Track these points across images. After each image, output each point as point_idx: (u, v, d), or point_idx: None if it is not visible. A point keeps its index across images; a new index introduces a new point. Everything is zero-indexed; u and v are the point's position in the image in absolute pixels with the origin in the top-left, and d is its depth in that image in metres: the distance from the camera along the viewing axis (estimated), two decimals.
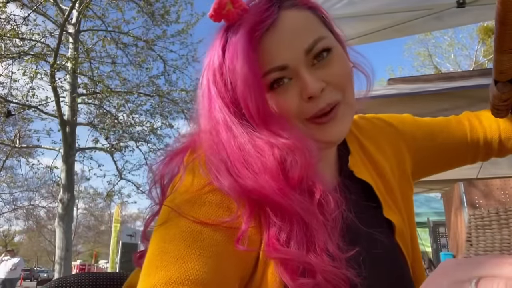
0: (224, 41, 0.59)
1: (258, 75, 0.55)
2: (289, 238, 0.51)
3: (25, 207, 22.65)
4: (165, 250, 0.49)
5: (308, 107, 0.58)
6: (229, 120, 0.58)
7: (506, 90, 0.71)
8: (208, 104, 0.61)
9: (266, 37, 0.57)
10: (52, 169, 10.67)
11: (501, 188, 2.40)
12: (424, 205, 8.88)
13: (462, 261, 0.31)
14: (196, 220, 0.50)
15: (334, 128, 0.59)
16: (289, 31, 0.57)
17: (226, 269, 0.49)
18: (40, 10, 9.78)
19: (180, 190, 0.55)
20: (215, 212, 0.52)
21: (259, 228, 0.53)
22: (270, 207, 0.52)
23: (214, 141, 0.58)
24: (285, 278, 0.50)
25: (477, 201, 2.43)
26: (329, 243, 0.51)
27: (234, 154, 0.55)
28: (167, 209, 0.53)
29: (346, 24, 2.50)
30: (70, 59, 9.40)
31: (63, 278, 0.85)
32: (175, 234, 0.50)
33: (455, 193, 2.72)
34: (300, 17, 0.59)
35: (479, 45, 17.77)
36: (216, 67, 0.59)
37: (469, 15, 2.32)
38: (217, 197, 0.53)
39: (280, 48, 0.57)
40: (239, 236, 0.50)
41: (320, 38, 0.58)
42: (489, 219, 1.45)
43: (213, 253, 0.49)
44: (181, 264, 0.47)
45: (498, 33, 0.59)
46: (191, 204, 0.52)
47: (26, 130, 12.18)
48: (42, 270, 33.90)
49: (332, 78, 0.58)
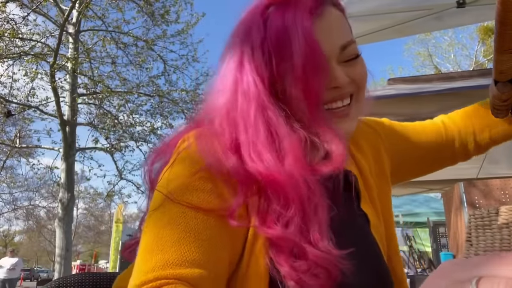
0: (265, 18, 0.60)
1: (324, 56, 0.57)
2: (287, 223, 0.52)
3: (25, 207, 22.64)
4: (160, 235, 0.49)
5: (329, 94, 0.60)
6: (263, 96, 0.58)
7: (506, 90, 0.71)
8: (237, 78, 0.60)
9: (315, 24, 0.59)
10: (52, 169, 10.67)
11: (501, 188, 2.40)
12: (424, 205, 8.87)
13: (461, 261, 0.31)
14: (189, 205, 0.51)
15: (346, 124, 0.63)
16: (333, 25, 0.61)
17: (220, 252, 0.51)
18: (40, 10, 9.77)
19: (172, 177, 0.55)
20: (207, 198, 0.52)
21: (249, 211, 0.54)
22: (275, 194, 0.53)
23: (236, 118, 0.58)
24: (279, 259, 0.51)
25: (477, 201, 2.43)
26: (324, 234, 0.52)
27: (260, 134, 0.55)
28: (160, 195, 0.53)
29: None
30: (70, 59, 9.40)
31: (63, 278, 0.85)
32: (169, 219, 0.50)
33: (455, 193, 2.72)
34: (339, 16, 0.64)
35: (479, 45, 17.78)
36: (256, 42, 0.59)
37: (469, 15, 2.32)
38: (209, 184, 0.53)
39: (322, 38, 0.59)
40: (231, 213, 0.51)
41: (353, 40, 0.63)
42: (489, 219, 1.45)
43: (207, 236, 0.50)
44: (177, 247, 0.47)
45: (498, 33, 0.59)
46: (183, 190, 0.53)
47: (26, 130, 12.19)
48: (42, 270, 33.90)
49: (355, 76, 0.63)
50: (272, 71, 0.58)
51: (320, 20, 0.59)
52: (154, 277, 0.45)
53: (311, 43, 0.56)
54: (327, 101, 0.61)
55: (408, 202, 8.94)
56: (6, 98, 9.92)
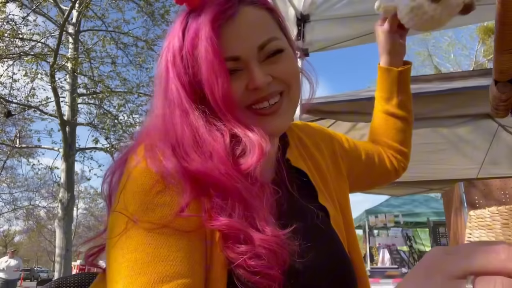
0: (185, 25, 0.62)
1: (223, 61, 0.58)
2: (230, 214, 0.54)
3: (25, 207, 22.63)
4: (134, 259, 0.49)
5: (249, 95, 0.62)
6: (185, 102, 0.60)
7: (506, 90, 0.72)
8: (165, 85, 0.63)
9: (225, 28, 0.60)
10: (52, 169, 10.67)
11: (501, 188, 2.40)
12: (424, 205, 8.87)
13: (452, 250, 0.31)
14: (153, 225, 0.51)
15: (274, 122, 0.63)
16: (247, 26, 0.61)
17: (195, 258, 0.52)
18: (40, 10, 9.77)
19: (129, 197, 0.54)
20: (169, 211, 0.53)
21: (199, 208, 0.55)
22: (214, 188, 0.55)
23: (166, 125, 0.60)
24: (227, 249, 0.53)
25: (477, 201, 2.43)
26: (269, 220, 0.54)
27: (185, 137, 0.58)
28: (121, 219, 0.53)
29: (346, 24, 2.50)
30: (70, 59, 9.40)
31: (63, 278, 0.85)
32: (138, 242, 0.50)
33: (455, 193, 2.72)
34: (257, 15, 0.63)
35: (479, 45, 17.77)
36: (176, 50, 0.62)
37: (469, 15, 2.31)
38: (167, 198, 0.54)
39: (236, 40, 0.60)
40: (182, 208, 0.52)
41: (274, 38, 0.63)
42: (489, 219, 1.45)
43: (179, 246, 0.51)
44: (154, 265, 0.48)
45: (498, 33, 0.59)
46: (144, 210, 0.52)
47: (26, 130, 12.19)
48: (42, 270, 33.88)
49: (279, 74, 0.63)
50: (190, 76, 0.60)
51: (232, 22, 0.60)
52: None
53: (210, 49, 0.57)
54: (252, 102, 0.62)
55: (408, 202, 8.94)
56: (6, 98, 9.92)
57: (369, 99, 3.07)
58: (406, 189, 5.84)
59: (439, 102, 2.79)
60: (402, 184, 5.21)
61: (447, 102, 2.78)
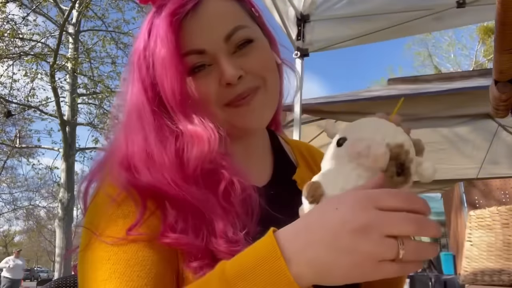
0: (150, 25, 0.60)
1: (175, 56, 0.55)
2: (186, 227, 0.52)
3: (25, 207, 22.64)
4: (94, 275, 0.50)
5: (226, 93, 0.58)
6: (142, 106, 0.58)
7: (506, 90, 0.72)
8: (127, 89, 0.61)
9: (187, 21, 0.57)
10: (52, 169, 10.68)
11: (501, 188, 2.40)
12: None
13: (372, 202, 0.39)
14: (114, 239, 0.51)
15: (252, 114, 0.60)
16: (210, 17, 0.58)
17: (158, 270, 0.51)
18: (40, 10, 9.77)
19: (94, 211, 0.56)
20: (130, 224, 0.52)
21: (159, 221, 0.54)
22: (167, 199, 0.53)
23: (123, 135, 0.59)
24: (182, 264, 0.51)
25: (477, 201, 2.43)
26: (229, 227, 0.52)
27: (136, 148, 0.56)
28: (87, 233, 0.53)
29: (346, 24, 2.50)
30: (70, 59, 9.40)
31: (63, 278, 0.85)
32: (98, 256, 0.51)
33: (455, 193, 2.72)
34: (223, 5, 0.60)
35: (479, 45, 17.78)
36: (141, 50, 0.60)
37: (469, 15, 2.31)
38: (128, 209, 0.53)
39: (199, 32, 0.57)
40: (132, 226, 0.51)
41: (240, 26, 0.59)
42: (489, 219, 1.45)
43: (138, 260, 0.50)
44: (110, 282, 0.48)
45: (498, 33, 0.59)
46: (106, 222, 0.53)
47: (26, 130, 12.20)
48: (42, 270, 33.88)
49: (251, 67, 0.59)
50: (151, 77, 0.58)
51: (194, 14, 0.57)
52: None
53: (162, 45, 0.55)
54: (230, 101, 0.59)
55: None
56: (6, 98, 9.92)
57: (369, 99, 3.08)
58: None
59: (439, 102, 2.80)
60: None
61: (447, 102, 2.78)
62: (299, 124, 2.44)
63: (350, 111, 2.98)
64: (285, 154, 0.73)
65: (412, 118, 3.76)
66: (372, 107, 2.96)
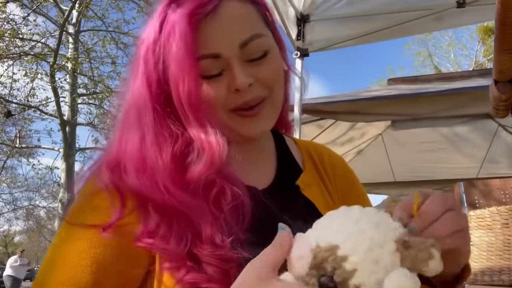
0: (163, 18, 0.57)
1: (194, 59, 0.54)
2: (169, 233, 0.51)
3: (25, 207, 22.63)
4: (50, 256, 0.53)
5: (233, 98, 0.57)
6: (143, 103, 0.57)
7: (506, 90, 0.72)
8: (131, 82, 0.60)
9: (205, 23, 0.55)
10: (52, 169, 10.68)
11: (501, 188, 2.40)
12: None
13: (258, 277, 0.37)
14: (78, 225, 0.53)
15: (256, 124, 0.59)
16: (228, 21, 0.56)
17: (106, 268, 0.52)
18: (40, 10, 9.78)
19: (75, 202, 0.58)
20: (101, 215, 0.53)
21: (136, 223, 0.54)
22: (151, 204, 0.53)
23: (119, 132, 0.59)
24: (164, 270, 0.51)
25: (477, 201, 2.43)
26: (217, 233, 0.51)
27: (130, 147, 0.56)
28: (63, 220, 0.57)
29: (346, 24, 2.50)
30: (70, 59, 9.40)
31: None
32: (59, 241, 0.54)
33: (455, 193, 2.72)
34: (241, 10, 0.58)
35: (479, 45, 17.77)
36: (150, 43, 0.58)
37: (469, 15, 2.31)
38: (101, 203, 0.54)
39: (217, 36, 0.55)
40: (107, 226, 0.51)
41: (257, 35, 0.58)
42: (489, 219, 1.45)
43: (89, 255, 0.51)
44: (57, 267, 0.52)
45: (498, 33, 0.59)
46: (80, 212, 0.56)
47: (26, 130, 12.20)
48: None
49: (261, 76, 0.58)
50: (160, 73, 0.57)
51: (213, 17, 0.55)
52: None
53: (182, 45, 0.53)
54: (236, 107, 0.58)
55: None
56: (6, 98, 9.92)
57: (369, 99, 3.08)
58: (406, 189, 5.84)
59: (439, 102, 2.80)
60: (402, 184, 5.21)
61: (447, 102, 2.78)
62: (299, 124, 2.44)
63: (350, 111, 2.98)
64: (290, 156, 0.72)
65: (412, 118, 3.76)
66: (372, 107, 2.96)
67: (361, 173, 4.21)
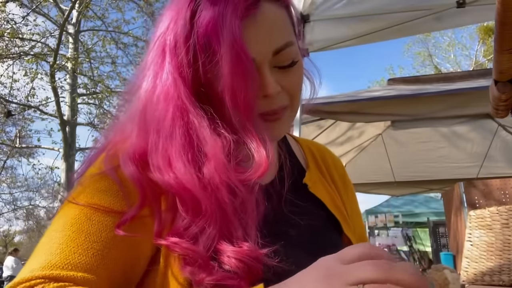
0: (193, 10, 0.53)
1: (253, 65, 0.52)
2: (200, 234, 0.50)
3: (25, 207, 22.64)
4: (52, 237, 0.48)
5: (261, 104, 0.56)
6: (184, 98, 0.54)
7: (506, 90, 0.72)
8: (154, 75, 0.56)
9: (245, 24, 0.53)
10: (52, 169, 10.67)
11: (501, 188, 2.40)
12: (424, 205, 8.86)
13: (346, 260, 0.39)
14: (86, 205, 0.50)
15: (276, 129, 0.60)
16: (267, 27, 0.55)
17: (116, 255, 0.49)
18: (40, 10, 9.78)
19: (79, 182, 0.55)
20: (106, 198, 0.51)
21: (153, 218, 0.52)
22: (182, 202, 0.51)
23: (145, 123, 0.55)
24: (186, 273, 0.49)
25: (477, 201, 2.43)
26: (238, 229, 0.51)
27: (175, 140, 0.53)
28: (64, 201, 0.54)
29: (346, 24, 2.50)
30: (70, 59, 9.40)
31: None
32: (64, 221, 0.50)
33: (455, 193, 2.72)
34: (278, 15, 0.56)
35: (479, 45, 17.77)
36: (180, 37, 0.54)
37: (469, 15, 2.32)
38: (107, 184, 0.52)
39: (253, 41, 0.53)
40: (122, 222, 0.49)
41: (290, 42, 0.57)
42: (489, 219, 1.45)
43: (100, 238, 0.48)
44: (63, 248, 0.46)
45: (498, 33, 0.59)
46: (83, 192, 0.52)
47: (26, 130, 12.19)
48: None
49: (287, 85, 0.58)
50: (198, 71, 0.54)
51: (253, 18, 0.53)
52: (30, 276, 0.44)
53: (238, 48, 0.50)
54: (262, 113, 0.57)
55: (408, 202, 8.94)
56: (6, 98, 9.92)
57: (369, 99, 3.08)
58: (406, 189, 5.84)
59: (439, 102, 2.80)
60: (402, 184, 5.22)
61: (447, 102, 2.78)
62: (299, 124, 2.44)
63: (350, 111, 2.98)
64: (292, 154, 0.73)
65: (412, 118, 3.76)
66: (372, 107, 2.96)
67: (361, 173, 4.25)
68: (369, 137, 4.54)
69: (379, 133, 4.51)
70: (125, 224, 0.49)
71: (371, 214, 8.38)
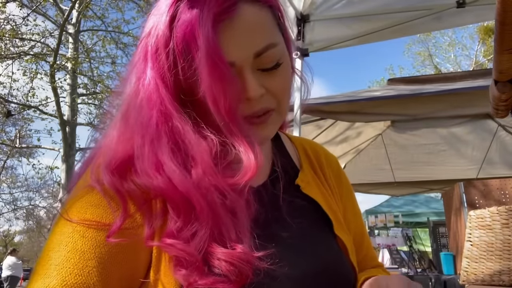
0: (173, 14, 0.53)
1: (229, 68, 0.51)
2: (192, 235, 0.49)
3: (25, 207, 22.65)
4: (48, 257, 0.48)
5: (243, 107, 0.55)
6: (168, 104, 0.53)
7: (506, 90, 0.71)
8: (136, 82, 0.55)
9: (222, 28, 0.52)
10: (52, 169, 10.68)
11: (500, 188, 2.40)
12: (424, 205, 8.87)
13: None
14: (79, 222, 0.49)
15: (261, 132, 0.58)
16: (245, 29, 0.53)
17: (111, 270, 0.49)
18: (40, 10, 9.78)
19: (71, 196, 0.55)
20: (98, 212, 0.51)
21: (144, 223, 0.52)
22: (173, 205, 0.51)
23: (129, 128, 0.54)
24: (179, 277, 0.48)
25: (477, 201, 2.43)
26: (231, 232, 0.51)
27: (158, 144, 0.52)
28: (58, 216, 0.52)
29: (346, 24, 2.50)
30: (70, 59, 9.40)
31: None
32: (59, 240, 0.49)
33: (455, 193, 2.72)
34: (258, 16, 0.55)
35: (479, 45, 17.77)
36: (161, 42, 0.53)
37: (469, 15, 2.32)
38: (98, 197, 0.52)
39: (232, 44, 0.52)
40: (112, 231, 0.49)
41: (272, 44, 0.55)
42: (489, 219, 1.45)
43: (95, 254, 0.48)
44: (60, 270, 0.46)
45: (498, 33, 0.59)
46: (76, 207, 0.51)
47: (26, 130, 12.20)
48: None
49: (272, 87, 0.57)
50: (178, 75, 0.53)
51: (230, 22, 0.52)
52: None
53: (213, 53, 0.49)
54: (245, 116, 0.56)
55: (408, 202, 8.94)
56: (6, 98, 9.92)
57: (369, 99, 3.07)
58: (406, 189, 5.84)
59: (439, 102, 2.80)
60: (402, 184, 5.22)
61: (447, 102, 2.78)
62: (299, 124, 2.44)
63: (350, 111, 2.98)
64: (286, 154, 0.72)
65: (412, 118, 3.76)
66: (372, 107, 2.96)
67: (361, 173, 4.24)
68: (369, 137, 4.54)
69: (379, 133, 4.51)
70: (114, 234, 0.49)
71: (371, 214, 8.39)
